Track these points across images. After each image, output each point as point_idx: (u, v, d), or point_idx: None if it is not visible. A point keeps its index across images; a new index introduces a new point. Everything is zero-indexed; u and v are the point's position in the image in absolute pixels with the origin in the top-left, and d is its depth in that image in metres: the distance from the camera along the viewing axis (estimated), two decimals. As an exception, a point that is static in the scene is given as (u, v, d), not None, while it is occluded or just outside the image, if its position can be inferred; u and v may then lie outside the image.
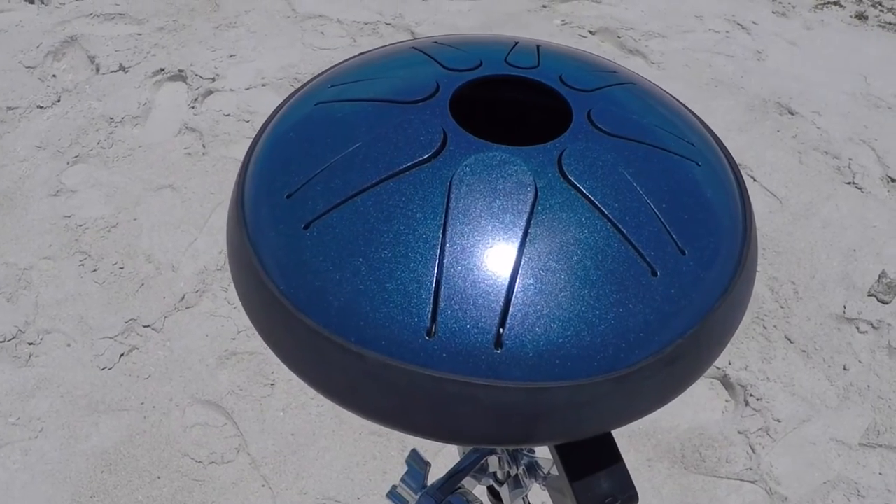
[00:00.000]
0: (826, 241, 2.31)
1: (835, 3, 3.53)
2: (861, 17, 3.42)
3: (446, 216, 0.59)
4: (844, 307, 2.14)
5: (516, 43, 0.80)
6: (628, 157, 0.67)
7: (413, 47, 0.80)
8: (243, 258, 0.62)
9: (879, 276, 2.19)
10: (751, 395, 1.94)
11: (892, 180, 2.50)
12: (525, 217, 0.59)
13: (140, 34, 2.99)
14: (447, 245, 0.58)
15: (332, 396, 0.58)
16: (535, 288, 0.57)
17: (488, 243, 0.58)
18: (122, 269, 2.18)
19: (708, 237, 0.65)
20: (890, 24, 3.39)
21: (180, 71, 2.83)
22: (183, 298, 2.11)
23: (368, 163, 0.64)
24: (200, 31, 3.04)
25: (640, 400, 0.60)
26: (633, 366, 0.56)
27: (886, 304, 2.13)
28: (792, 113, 2.78)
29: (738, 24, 3.35)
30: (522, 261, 0.57)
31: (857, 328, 2.09)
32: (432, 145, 0.64)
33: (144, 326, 2.05)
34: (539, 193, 0.61)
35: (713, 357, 0.64)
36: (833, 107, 2.83)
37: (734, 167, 0.74)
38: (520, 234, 0.58)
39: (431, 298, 0.56)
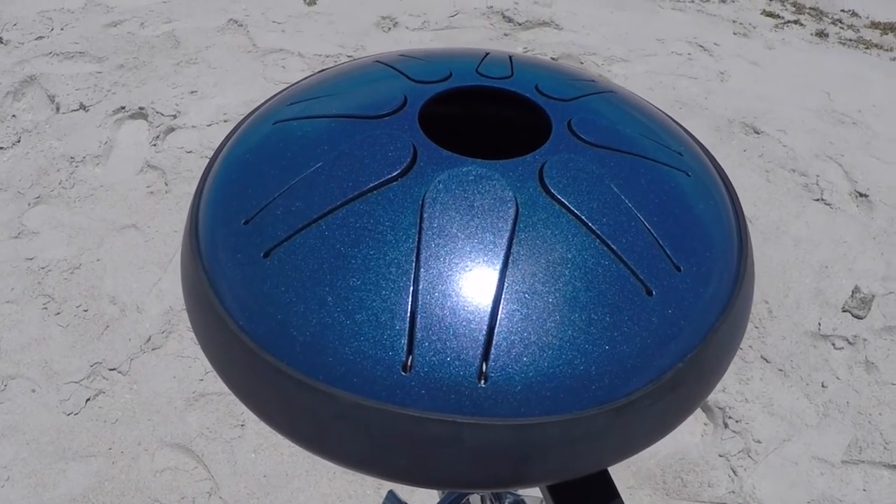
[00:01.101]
0: (798, 259, 2.30)
1: (795, 23, 3.55)
2: (821, 34, 3.44)
3: (419, 238, 0.55)
4: (819, 324, 2.13)
5: (487, 53, 0.76)
6: (614, 168, 0.62)
7: (377, 61, 0.76)
8: (198, 292, 0.58)
9: (853, 292, 2.18)
10: (730, 418, 1.91)
11: (861, 195, 2.51)
12: (506, 236, 0.55)
13: (100, 72, 2.95)
14: (422, 270, 0.53)
15: (299, 441, 0.54)
16: (521, 313, 0.52)
17: (467, 266, 0.54)
18: (86, 311, 2.13)
19: (703, 251, 0.61)
20: (850, 40, 3.42)
21: (141, 109, 2.79)
22: (149, 340, 2.06)
23: (332, 183, 0.59)
24: (161, 68, 3.00)
25: (640, 432, 0.55)
26: (632, 395, 0.52)
27: (861, 318, 2.12)
28: (757, 132, 2.79)
29: (700, 45, 3.37)
30: (505, 284, 0.53)
31: (834, 345, 2.08)
32: (401, 162, 0.59)
33: (110, 369, 2.00)
34: (520, 210, 0.57)
35: (716, 380, 0.60)
36: (798, 124, 2.84)
37: (724, 177, 0.71)
38: (501, 254, 0.54)
39: (406, 329, 0.51)
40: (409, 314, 0.52)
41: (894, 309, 2.15)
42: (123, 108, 2.80)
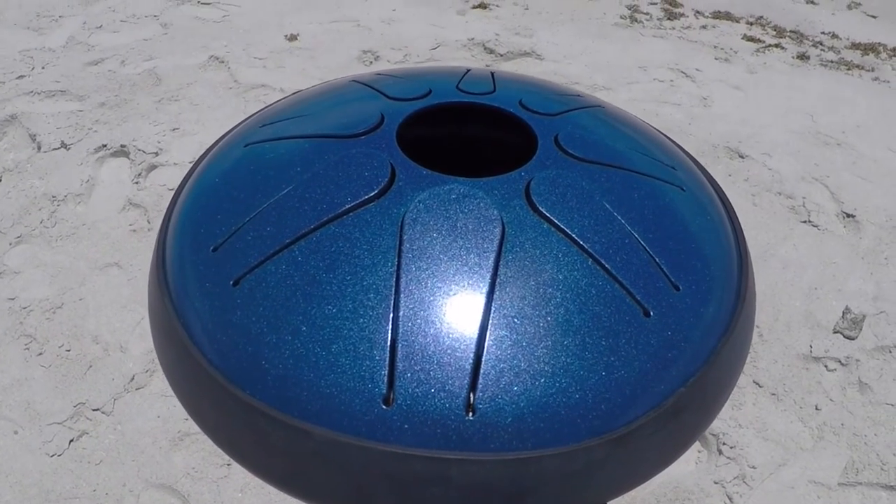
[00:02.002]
0: (787, 282, 2.29)
1: (776, 46, 3.57)
2: (803, 57, 3.45)
3: (399, 261, 0.52)
4: (811, 346, 2.11)
5: (468, 70, 0.74)
6: (605, 183, 0.60)
7: (354, 80, 0.74)
8: (165, 323, 0.55)
9: (843, 313, 2.17)
10: (723, 444, 1.89)
11: (848, 216, 2.50)
12: (492, 257, 0.52)
13: (81, 110, 2.93)
14: (402, 295, 0.50)
15: (274, 482, 0.50)
16: (510, 339, 0.49)
17: (451, 290, 0.51)
18: (68, 351, 2.09)
19: (702, 269, 0.58)
20: (832, 62, 3.43)
21: (123, 146, 2.77)
22: (133, 379, 2.02)
23: (306, 206, 0.56)
24: (142, 105, 2.99)
25: (642, 462, 0.52)
26: (632, 424, 0.49)
27: (853, 339, 2.10)
28: (742, 156, 2.78)
29: (682, 72, 3.37)
30: (492, 309, 0.50)
31: (826, 366, 2.06)
32: (378, 181, 0.57)
33: (94, 410, 1.96)
34: (506, 229, 0.54)
35: (720, 405, 0.57)
36: (782, 147, 2.83)
37: (719, 191, 0.68)
38: (487, 277, 0.52)
39: (387, 359, 0.48)
40: (389, 343, 0.49)
41: (886, 328, 2.14)
42: (105, 146, 2.78)
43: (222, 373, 0.50)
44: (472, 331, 0.49)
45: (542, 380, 0.48)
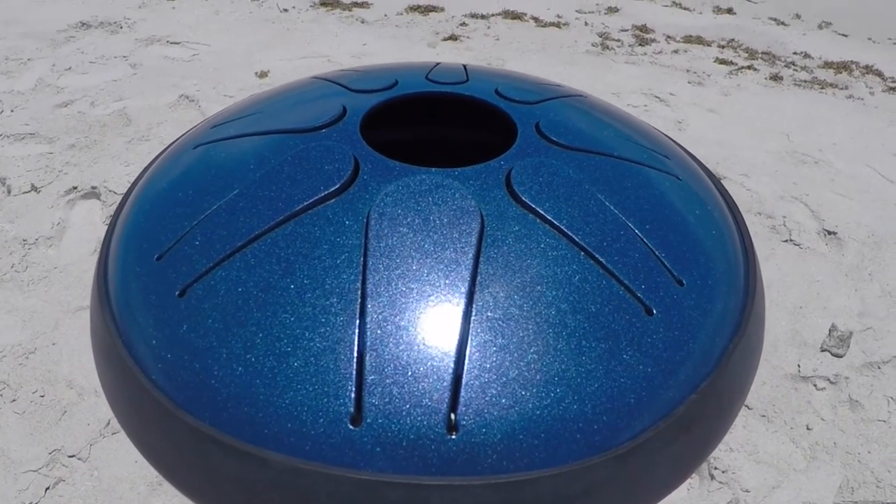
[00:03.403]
0: (772, 302, 2.27)
1: (748, 68, 3.58)
2: (776, 78, 3.46)
3: (365, 260, 0.46)
4: (799, 366, 2.08)
5: (437, 63, 0.69)
6: (595, 172, 0.54)
7: (315, 77, 0.69)
8: (105, 343, 0.49)
9: (830, 330, 2.15)
10: (715, 468, 1.85)
11: (829, 233, 2.49)
12: (471, 253, 0.46)
13: (51, 153, 2.89)
14: (369, 298, 0.44)
15: None
16: (496, 345, 0.43)
17: (425, 291, 0.45)
18: (42, 396, 2.04)
19: (707, 263, 0.52)
20: (805, 81, 3.44)
21: (94, 188, 2.73)
22: (108, 424, 1.97)
23: (259, 205, 0.50)
24: (112, 146, 2.95)
25: (651, 481, 0.46)
26: (639, 437, 0.43)
27: (841, 357, 2.08)
28: (720, 178, 2.77)
29: (656, 96, 3.37)
30: (474, 310, 0.44)
31: (815, 385, 2.03)
32: (340, 175, 0.51)
33: (69, 456, 1.91)
34: (486, 222, 0.48)
35: (734, 414, 0.51)
36: (760, 167, 2.82)
37: (717, 183, 0.64)
38: (466, 275, 0.45)
39: (354, 372, 0.42)
40: (355, 354, 0.43)
41: (873, 344, 2.12)
42: (76, 187, 2.74)
43: (167, 395, 0.45)
44: (451, 336, 0.44)
45: (535, 390, 0.42)
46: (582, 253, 0.48)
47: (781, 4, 4.52)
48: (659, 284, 0.48)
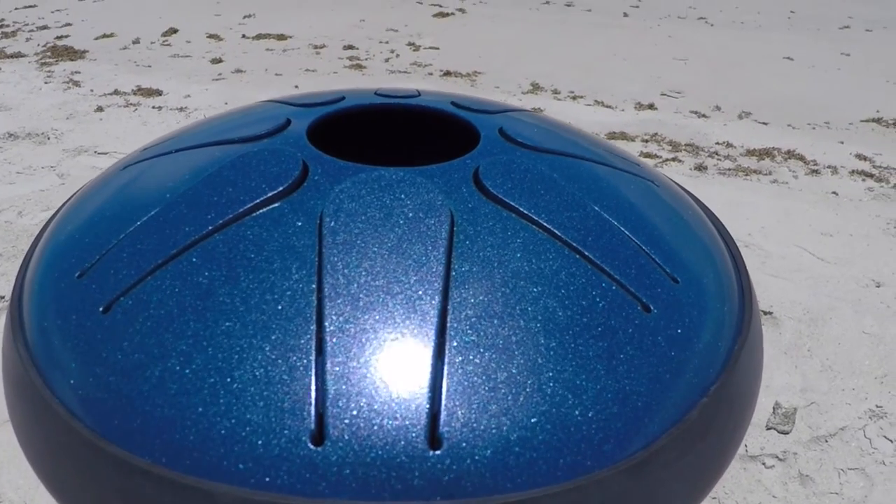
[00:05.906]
0: (715, 381, 2.27)
1: (673, 160, 3.65)
2: (700, 168, 3.54)
3: (321, 260, 0.41)
4: (746, 446, 2.07)
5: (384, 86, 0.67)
6: (569, 171, 0.50)
7: (263, 101, 0.67)
8: (15, 372, 0.44)
9: (774, 408, 2.15)
10: (672, 551, 1.82)
11: (766, 313, 2.51)
12: (442, 248, 0.41)
13: (-24, 265, 2.82)
14: (326, 300, 0.39)
15: None
16: (480, 344, 0.38)
17: (392, 289, 0.39)
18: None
19: (697, 262, 0.49)
20: (729, 170, 3.52)
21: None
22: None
23: (195, 211, 0.45)
24: (42, 254, 2.89)
25: (669, 497, 0.40)
26: (651, 445, 0.38)
27: (787, 433, 2.07)
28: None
29: (587, 187, 3.42)
30: (450, 307, 0.39)
31: (764, 464, 2.02)
32: (288, 177, 0.46)
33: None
34: (455, 217, 0.43)
35: (746, 422, 0.48)
36: (693, 252, 2.86)
37: (691, 194, 0.63)
38: (439, 270, 0.40)
39: (312, 382, 0.36)
40: (313, 360, 0.37)
41: (818, 418, 2.12)
42: (3, 297, 2.65)
43: (87, 424, 0.38)
44: (426, 335, 0.38)
45: (529, 393, 0.36)
46: (566, 248, 0.44)
47: (701, 98, 4.65)
48: (654, 281, 0.45)
